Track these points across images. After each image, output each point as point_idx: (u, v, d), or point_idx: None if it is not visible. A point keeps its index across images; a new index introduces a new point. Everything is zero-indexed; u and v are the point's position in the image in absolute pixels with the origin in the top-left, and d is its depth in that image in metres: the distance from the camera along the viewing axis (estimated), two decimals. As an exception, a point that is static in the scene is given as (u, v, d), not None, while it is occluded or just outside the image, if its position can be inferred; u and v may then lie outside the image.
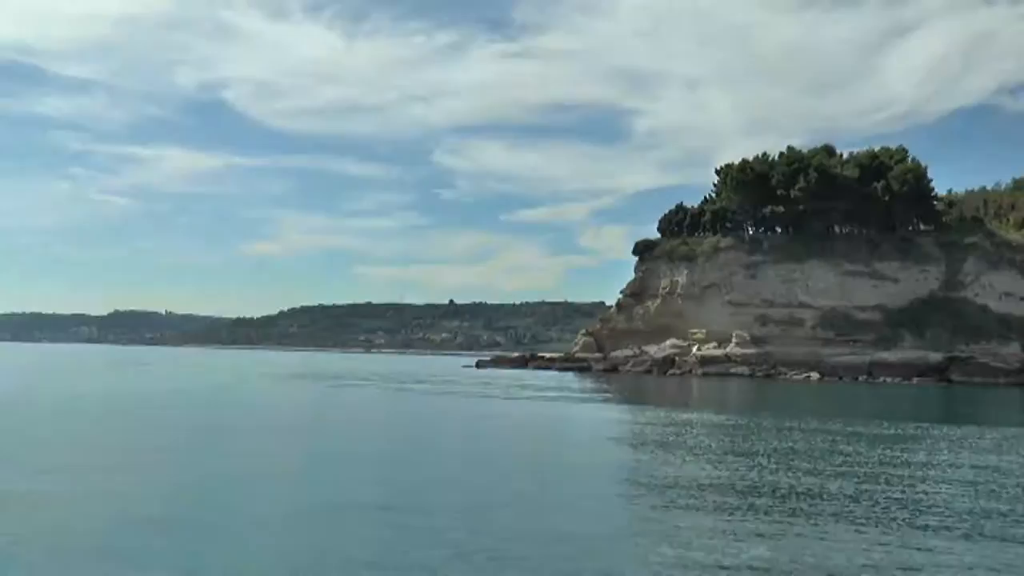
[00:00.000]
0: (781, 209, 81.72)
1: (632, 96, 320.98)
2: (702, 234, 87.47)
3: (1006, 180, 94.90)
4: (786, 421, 31.02)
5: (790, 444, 23.67)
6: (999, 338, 72.47)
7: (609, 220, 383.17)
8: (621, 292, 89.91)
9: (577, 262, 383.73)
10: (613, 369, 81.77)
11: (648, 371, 79.30)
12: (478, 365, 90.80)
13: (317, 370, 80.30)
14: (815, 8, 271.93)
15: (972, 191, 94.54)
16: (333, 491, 14.95)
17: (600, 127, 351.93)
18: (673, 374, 77.25)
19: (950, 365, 70.96)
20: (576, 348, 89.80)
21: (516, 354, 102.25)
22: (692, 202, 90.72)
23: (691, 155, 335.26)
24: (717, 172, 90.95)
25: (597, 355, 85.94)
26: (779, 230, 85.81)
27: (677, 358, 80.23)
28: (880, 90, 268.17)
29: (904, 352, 72.66)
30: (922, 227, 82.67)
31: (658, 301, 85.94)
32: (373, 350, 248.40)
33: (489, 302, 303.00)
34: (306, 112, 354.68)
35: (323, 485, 15.80)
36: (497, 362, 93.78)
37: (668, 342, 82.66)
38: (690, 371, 77.77)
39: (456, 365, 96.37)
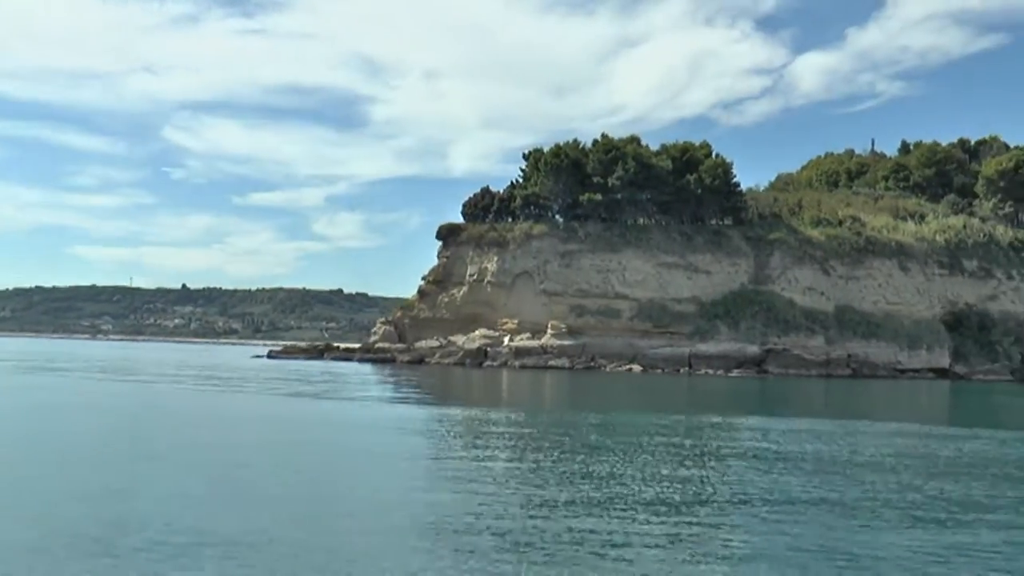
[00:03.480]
0: (599, 197, 79.36)
1: (370, 83, 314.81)
2: (510, 220, 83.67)
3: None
4: (608, 417, 28.23)
5: (614, 445, 20.46)
6: (806, 331, 74.14)
7: (344, 207, 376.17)
8: (423, 278, 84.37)
9: (311, 248, 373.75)
10: (419, 361, 76.14)
11: (460, 363, 74.40)
12: (270, 355, 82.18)
13: (87, 362, 68.63)
14: (553, 12, 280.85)
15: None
16: None
17: (337, 112, 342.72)
18: (490, 366, 72.91)
19: (767, 357, 71.68)
20: (375, 338, 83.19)
21: (304, 344, 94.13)
22: (431, 194, 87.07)
23: (428, 145, 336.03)
24: (525, 156, 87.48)
25: (400, 346, 79.91)
26: (584, 219, 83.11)
27: (490, 349, 75.90)
28: (612, 96, 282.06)
29: (721, 344, 72.54)
30: (726, 221, 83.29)
31: (465, 289, 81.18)
32: (100, 336, 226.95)
33: (223, 287, 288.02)
34: (22, 76, 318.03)
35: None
36: (290, 352, 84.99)
37: (477, 332, 78.17)
38: (505, 363, 73.73)
39: (244, 355, 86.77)
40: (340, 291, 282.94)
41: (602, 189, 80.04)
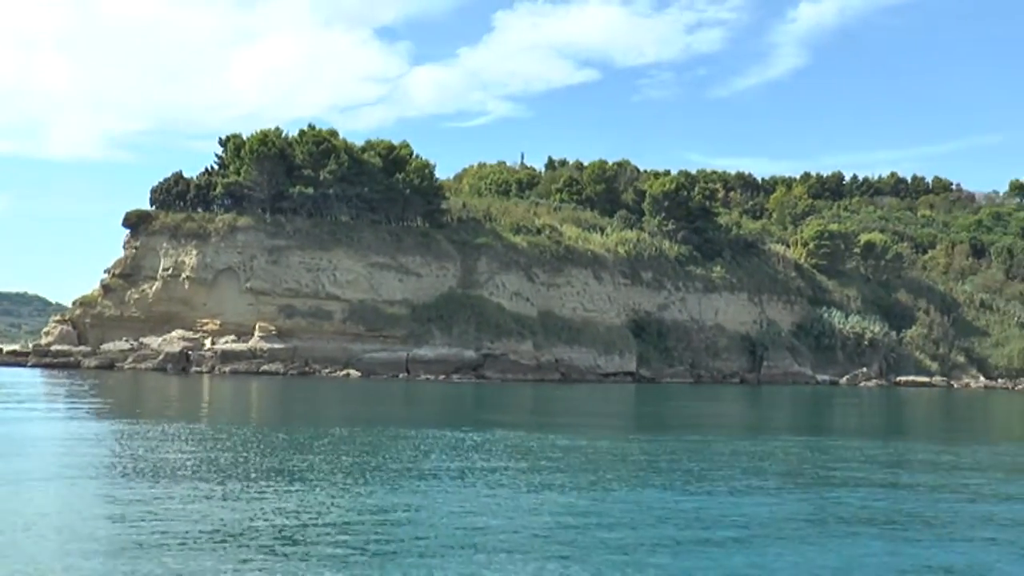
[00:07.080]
0: (310, 190, 75.43)
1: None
2: (205, 210, 77.00)
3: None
4: (319, 431, 25.96)
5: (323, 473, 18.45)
6: (517, 336, 75.76)
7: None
8: (106, 271, 75.06)
9: None
10: (110, 366, 67.66)
11: (160, 368, 67.10)
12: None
13: None
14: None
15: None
16: None
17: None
18: (198, 371, 66.48)
19: (485, 362, 72.27)
20: (50, 339, 72.45)
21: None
22: (23, 176, 79.51)
23: (20, 123, 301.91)
24: (222, 142, 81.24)
25: (83, 348, 70.36)
26: (290, 213, 78.31)
27: (192, 353, 69.26)
28: (227, 89, 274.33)
29: (439, 349, 72.03)
30: (428, 224, 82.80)
31: (158, 284, 73.46)
32: None
33: None
34: None
35: None
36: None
37: (175, 333, 71.10)
38: (213, 368, 67.65)
39: None
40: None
41: (311, 182, 76.34)
